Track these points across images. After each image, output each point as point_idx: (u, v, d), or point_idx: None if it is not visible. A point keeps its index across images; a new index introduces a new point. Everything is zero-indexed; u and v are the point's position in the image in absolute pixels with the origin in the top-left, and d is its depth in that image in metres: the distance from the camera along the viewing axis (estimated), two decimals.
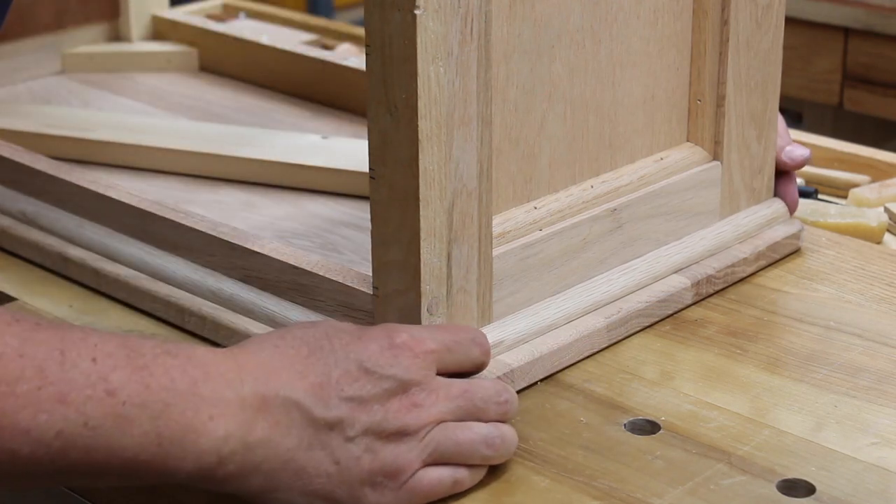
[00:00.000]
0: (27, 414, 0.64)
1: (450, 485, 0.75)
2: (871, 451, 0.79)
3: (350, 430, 0.72)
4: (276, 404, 0.71)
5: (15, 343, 0.65)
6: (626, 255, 0.93)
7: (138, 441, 0.67)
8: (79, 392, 0.66)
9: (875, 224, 1.10)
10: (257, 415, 0.70)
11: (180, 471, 0.69)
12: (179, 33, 1.47)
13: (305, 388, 0.72)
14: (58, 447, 0.65)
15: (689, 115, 0.97)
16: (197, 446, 0.69)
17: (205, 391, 0.69)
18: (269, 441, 0.70)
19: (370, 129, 0.80)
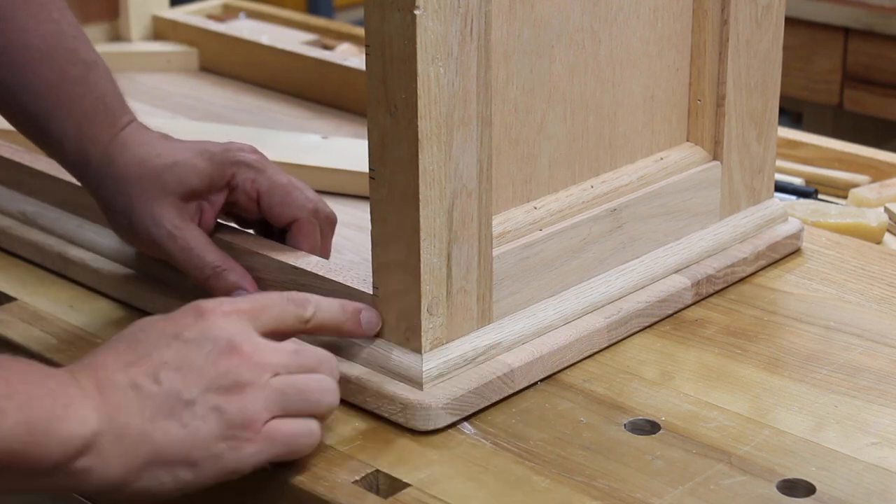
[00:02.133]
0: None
1: (306, 430, 0.77)
2: (871, 451, 0.79)
3: (187, 393, 0.74)
4: (112, 390, 0.73)
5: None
6: (626, 256, 0.93)
7: (10, 430, 0.69)
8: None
9: (875, 224, 1.10)
10: (99, 402, 0.72)
11: (47, 460, 0.70)
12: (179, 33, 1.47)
13: (135, 372, 0.74)
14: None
15: (689, 115, 0.97)
16: (62, 432, 0.71)
17: (53, 385, 0.72)
18: (116, 423, 0.72)
19: (370, 129, 0.80)
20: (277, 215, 0.92)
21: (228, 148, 0.92)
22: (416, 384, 0.82)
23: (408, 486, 0.77)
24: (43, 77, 0.91)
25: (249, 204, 0.92)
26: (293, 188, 0.92)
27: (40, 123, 0.92)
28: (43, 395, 0.71)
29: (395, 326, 0.83)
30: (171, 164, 0.90)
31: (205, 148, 0.92)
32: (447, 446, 0.80)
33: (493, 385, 0.83)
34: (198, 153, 0.91)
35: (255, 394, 0.75)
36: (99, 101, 0.92)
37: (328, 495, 0.76)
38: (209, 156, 0.91)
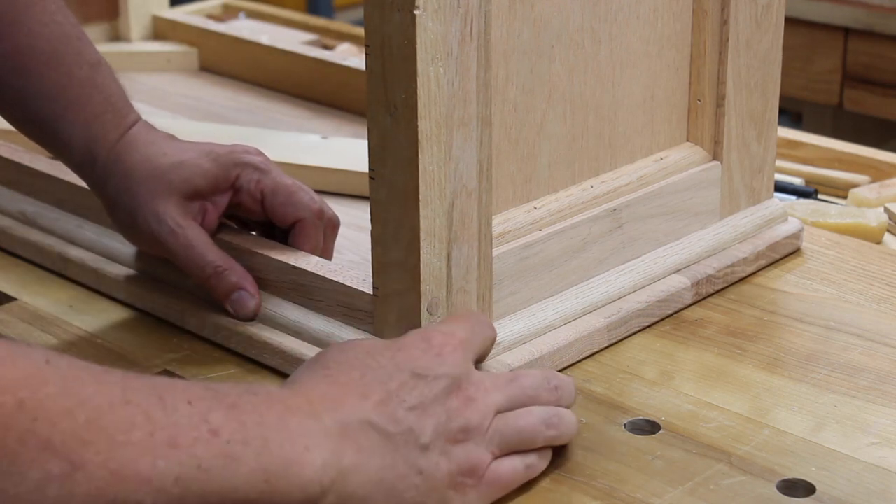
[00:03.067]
0: (146, 462, 0.63)
1: (523, 471, 0.76)
2: (871, 451, 0.79)
3: (423, 437, 0.72)
4: (354, 429, 0.70)
5: (118, 391, 0.64)
6: (626, 255, 0.93)
7: (246, 479, 0.66)
8: (186, 435, 0.64)
9: (875, 224, 1.10)
10: (342, 441, 0.70)
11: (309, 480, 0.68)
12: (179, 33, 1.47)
13: (373, 408, 0.71)
14: (177, 494, 0.63)
15: (688, 115, 0.97)
16: (301, 479, 0.68)
17: (292, 425, 0.69)
18: (358, 465, 0.70)
19: (370, 129, 0.80)
20: (281, 215, 0.92)
21: (233, 150, 0.93)
22: None
23: None
24: (51, 80, 0.92)
25: (253, 205, 0.92)
26: (298, 189, 0.93)
27: (49, 126, 0.92)
28: (281, 440, 0.67)
29: (395, 326, 0.83)
30: (177, 163, 0.90)
31: (210, 149, 0.92)
32: None
33: None
34: (203, 154, 0.92)
35: (480, 438, 0.74)
36: (106, 102, 0.92)
37: None
38: (214, 157, 0.92)
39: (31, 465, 0.60)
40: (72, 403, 0.62)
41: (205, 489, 0.64)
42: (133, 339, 0.93)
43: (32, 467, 0.60)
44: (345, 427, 0.70)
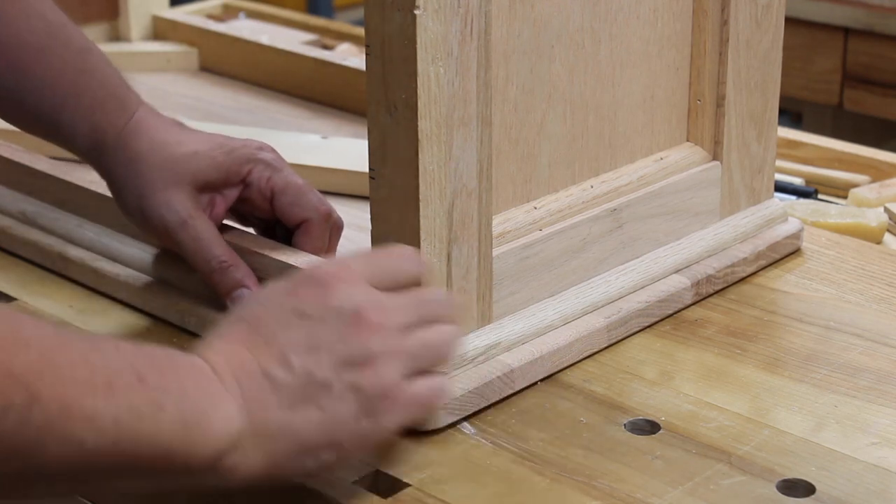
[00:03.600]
0: (89, 401, 0.64)
1: (437, 386, 0.75)
2: (871, 451, 0.79)
3: (321, 375, 0.72)
4: (248, 382, 0.71)
5: (53, 333, 0.65)
6: (626, 255, 0.93)
7: (170, 427, 0.67)
8: (119, 378, 0.65)
9: (875, 224, 1.10)
10: (239, 394, 0.70)
11: (199, 460, 0.68)
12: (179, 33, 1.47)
13: (263, 357, 0.72)
14: (113, 436, 0.64)
15: (688, 115, 0.97)
16: (214, 431, 0.69)
17: (201, 379, 0.70)
18: (256, 418, 0.70)
19: (370, 129, 0.80)
20: (290, 214, 0.92)
21: (247, 144, 0.93)
22: None
23: (408, 486, 0.77)
24: (45, 73, 0.91)
25: (262, 201, 0.92)
26: (308, 189, 0.93)
27: (50, 119, 0.92)
28: (193, 389, 0.68)
29: None
30: (191, 153, 0.90)
31: (224, 142, 0.92)
32: (447, 446, 0.80)
33: (493, 385, 0.83)
34: (217, 146, 0.92)
35: (388, 361, 0.73)
36: (104, 87, 0.92)
37: (328, 495, 0.76)
38: (228, 150, 0.92)
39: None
40: (23, 339, 0.63)
41: (137, 433, 0.65)
42: (133, 339, 0.93)
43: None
44: (240, 381, 0.71)
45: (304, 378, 0.71)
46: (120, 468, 0.66)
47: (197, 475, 0.69)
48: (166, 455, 0.67)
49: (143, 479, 0.68)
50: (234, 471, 0.70)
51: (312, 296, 0.74)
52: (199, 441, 0.68)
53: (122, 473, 0.67)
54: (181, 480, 0.69)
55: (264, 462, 0.71)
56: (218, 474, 0.70)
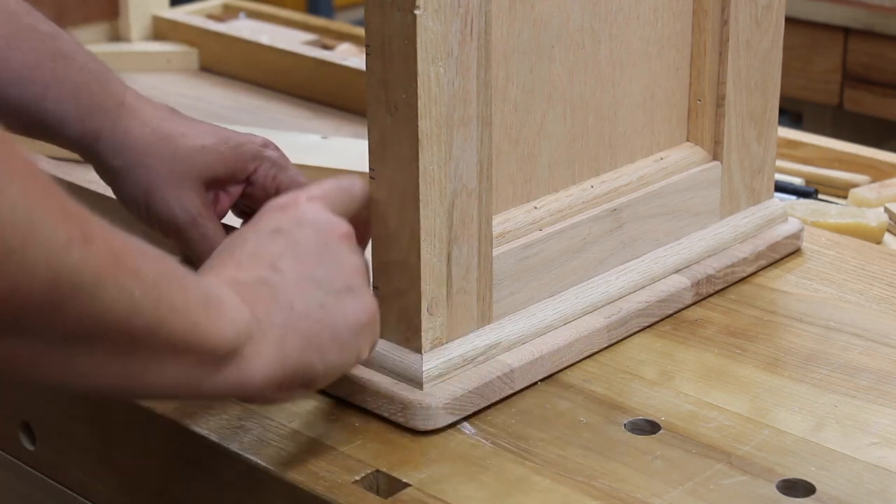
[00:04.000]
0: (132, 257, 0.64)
1: None
2: (871, 451, 0.79)
3: (310, 274, 0.75)
4: (244, 289, 0.73)
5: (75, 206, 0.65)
6: (626, 255, 0.93)
7: (195, 300, 0.68)
8: (149, 250, 0.66)
9: (875, 224, 1.10)
10: (238, 299, 0.72)
11: (222, 342, 0.69)
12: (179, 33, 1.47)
13: (253, 270, 0.75)
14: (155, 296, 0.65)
15: (688, 115, 0.97)
16: (228, 313, 0.70)
17: (200, 281, 0.71)
18: (261, 311, 0.72)
19: (370, 129, 0.80)
20: None
21: (251, 140, 0.93)
22: (416, 384, 0.82)
23: (408, 486, 0.77)
24: (18, 63, 0.89)
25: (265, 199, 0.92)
26: None
27: (34, 109, 0.90)
28: (202, 284, 0.70)
29: (395, 326, 0.83)
30: (199, 147, 0.90)
31: (228, 136, 0.92)
32: (447, 446, 0.80)
33: (493, 385, 0.83)
34: (223, 140, 0.91)
35: (363, 265, 0.78)
36: (84, 71, 0.90)
37: (328, 495, 0.76)
38: (234, 145, 0.91)
39: (59, 224, 0.60)
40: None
41: (171, 300, 0.66)
42: None
43: (60, 227, 0.60)
44: (235, 287, 0.72)
45: (296, 278, 0.75)
46: (159, 340, 0.66)
47: (221, 366, 0.70)
48: (194, 329, 0.67)
49: (176, 362, 0.68)
50: (251, 365, 0.71)
51: (282, 215, 0.78)
52: (218, 320, 0.69)
53: (160, 349, 0.66)
54: (208, 375, 0.69)
55: (276, 358, 0.72)
56: (238, 368, 0.70)
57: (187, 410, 0.84)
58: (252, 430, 0.82)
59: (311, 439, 0.81)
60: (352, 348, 0.76)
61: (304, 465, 0.78)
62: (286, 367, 0.73)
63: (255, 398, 0.75)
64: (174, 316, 0.66)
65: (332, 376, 0.77)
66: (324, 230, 0.78)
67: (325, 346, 0.75)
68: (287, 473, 0.78)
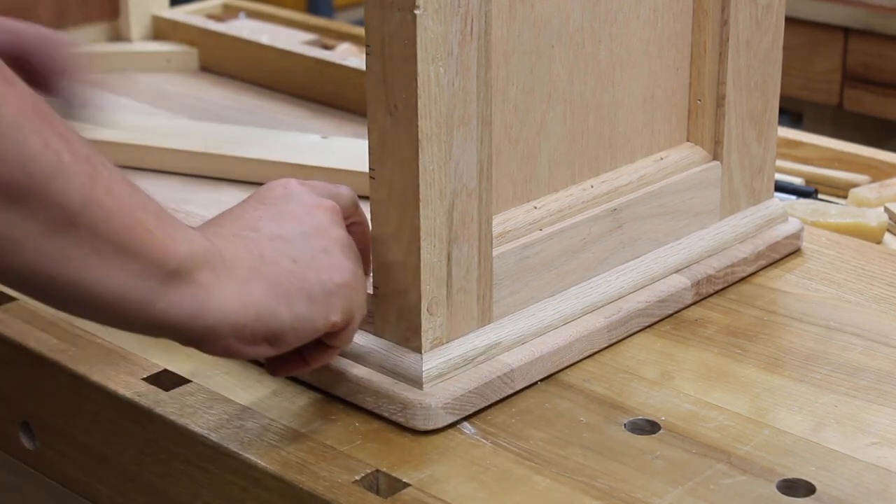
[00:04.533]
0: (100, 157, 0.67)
1: None
2: (871, 451, 0.79)
3: (288, 234, 0.76)
4: (217, 238, 0.74)
5: None
6: (626, 255, 0.93)
7: (153, 215, 0.69)
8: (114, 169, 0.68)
9: (875, 224, 1.10)
10: (209, 241, 0.73)
11: (174, 253, 0.69)
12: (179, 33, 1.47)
13: (231, 229, 0.76)
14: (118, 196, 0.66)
15: (689, 115, 0.97)
16: (184, 232, 0.71)
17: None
18: (228, 252, 0.73)
19: (370, 129, 0.80)
20: None
21: None
22: (416, 384, 0.82)
23: (408, 486, 0.77)
24: None
25: None
26: None
27: None
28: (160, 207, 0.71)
29: (395, 326, 0.83)
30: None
31: None
32: (447, 446, 0.80)
33: (493, 385, 0.83)
34: None
35: (345, 234, 0.79)
36: None
37: (328, 495, 0.76)
38: None
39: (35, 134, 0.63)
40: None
41: (113, 183, 0.68)
42: (133, 339, 0.93)
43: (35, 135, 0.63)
44: (213, 240, 0.73)
45: (271, 235, 0.76)
46: (96, 225, 0.67)
47: (171, 282, 0.70)
48: (139, 227, 0.68)
49: (120, 264, 0.68)
50: (209, 293, 0.71)
51: (270, 192, 0.79)
52: (170, 230, 0.70)
53: (99, 238, 0.67)
54: (158, 291, 0.70)
55: (239, 298, 0.72)
56: (193, 292, 0.70)
57: (187, 410, 0.84)
58: (252, 430, 0.82)
59: (311, 439, 0.81)
60: (321, 306, 0.76)
61: (304, 465, 0.78)
62: (249, 309, 0.72)
63: (216, 343, 0.73)
64: (112, 202, 0.67)
65: (299, 334, 0.75)
66: (308, 203, 0.79)
67: (292, 297, 0.74)
68: (287, 473, 0.78)
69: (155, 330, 0.72)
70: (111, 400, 0.87)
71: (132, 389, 0.86)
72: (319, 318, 0.76)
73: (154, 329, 0.72)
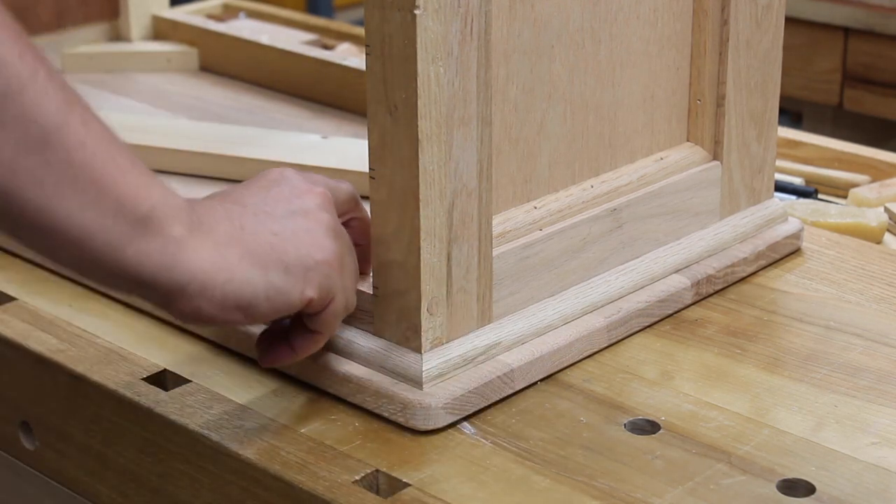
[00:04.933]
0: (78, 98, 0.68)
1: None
2: (871, 451, 0.79)
3: (274, 211, 0.77)
4: (199, 204, 0.74)
5: None
6: (626, 255, 0.93)
7: (121, 148, 0.69)
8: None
9: (875, 224, 1.10)
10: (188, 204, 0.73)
11: (145, 198, 0.70)
12: (179, 33, 1.47)
13: (220, 201, 0.77)
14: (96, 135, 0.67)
15: (689, 115, 0.97)
16: (156, 184, 0.71)
17: None
18: (206, 219, 0.73)
19: (370, 129, 0.80)
20: None
21: None
22: (416, 384, 0.82)
23: (408, 486, 0.77)
24: None
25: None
26: None
27: None
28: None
29: (395, 326, 0.83)
30: None
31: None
32: (447, 446, 0.80)
33: (493, 385, 0.83)
34: None
35: (335, 223, 0.79)
36: None
37: (328, 495, 0.76)
38: None
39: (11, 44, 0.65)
40: None
41: (88, 116, 0.68)
42: (133, 339, 0.93)
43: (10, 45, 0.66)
44: (194, 204, 0.74)
45: (255, 210, 0.76)
46: (71, 151, 0.67)
47: (143, 230, 0.70)
48: (112, 163, 0.68)
49: (93, 200, 0.68)
50: (183, 251, 0.71)
51: (264, 177, 0.80)
52: (145, 178, 0.70)
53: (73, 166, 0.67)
54: (129, 235, 0.69)
55: (213, 258, 0.72)
56: (165, 245, 0.70)
57: (187, 410, 0.84)
58: (252, 430, 0.82)
59: (311, 439, 0.81)
60: (297, 280, 0.75)
61: (304, 465, 0.78)
62: (221, 271, 0.72)
63: (186, 304, 0.72)
64: (87, 132, 0.67)
65: (273, 304, 0.75)
66: (299, 188, 0.79)
67: (269, 266, 0.74)
68: (287, 473, 0.78)
69: (123, 280, 0.71)
70: (111, 400, 0.87)
71: (132, 389, 0.86)
72: (295, 290, 0.75)
73: (122, 279, 0.71)
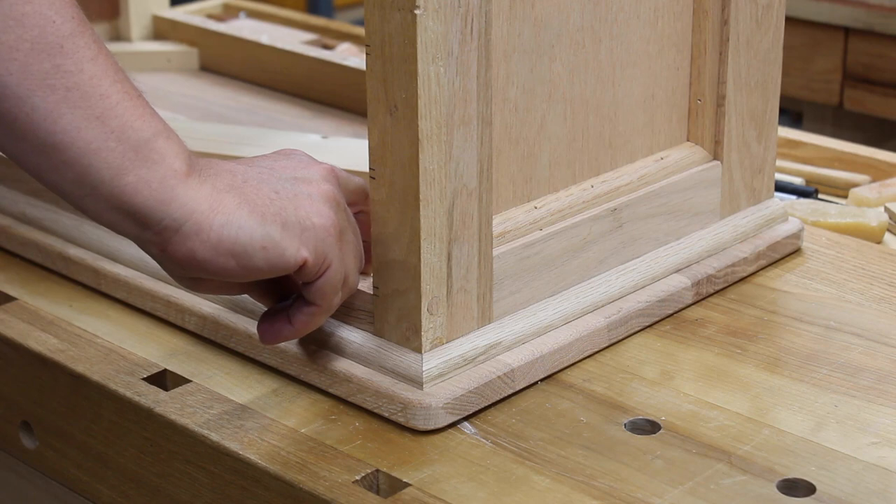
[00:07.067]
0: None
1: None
2: (871, 450, 0.79)
3: (277, 174, 0.79)
4: (203, 160, 0.76)
5: None
6: (627, 255, 0.93)
7: (131, 86, 0.72)
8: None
9: (875, 224, 1.10)
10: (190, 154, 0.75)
11: (147, 125, 0.72)
12: (179, 33, 1.47)
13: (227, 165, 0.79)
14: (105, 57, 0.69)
15: (689, 115, 0.97)
16: (157, 119, 0.73)
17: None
18: (206, 169, 0.75)
19: (370, 129, 0.80)
20: None
21: None
22: (416, 384, 0.82)
23: (408, 486, 0.77)
24: None
25: None
26: None
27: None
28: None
29: (396, 326, 0.83)
30: None
31: None
32: (447, 446, 0.80)
33: (493, 385, 0.83)
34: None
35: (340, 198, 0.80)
36: None
37: (328, 495, 0.76)
38: None
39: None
40: None
41: (99, 45, 0.70)
42: (133, 339, 0.93)
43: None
44: (198, 159, 0.76)
45: (261, 172, 0.78)
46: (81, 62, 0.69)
47: (141, 156, 0.71)
48: (130, 101, 0.71)
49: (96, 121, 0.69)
50: (181, 187, 0.72)
51: (274, 154, 0.82)
52: (152, 112, 0.72)
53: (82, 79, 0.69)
54: (129, 160, 0.71)
55: (210, 200, 0.74)
56: (163, 176, 0.72)
57: (187, 410, 0.84)
58: (252, 430, 0.82)
59: (311, 439, 0.81)
60: (293, 236, 0.76)
61: (304, 465, 0.78)
62: (218, 214, 0.74)
63: (180, 243, 0.73)
64: (99, 50, 0.69)
65: (268, 257, 0.76)
66: (307, 161, 0.81)
67: (267, 217, 0.75)
68: (287, 473, 0.78)
69: (119, 212, 0.72)
70: (111, 400, 0.87)
71: (132, 389, 0.86)
72: (290, 247, 0.76)
73: (118, 210, 0.72)
